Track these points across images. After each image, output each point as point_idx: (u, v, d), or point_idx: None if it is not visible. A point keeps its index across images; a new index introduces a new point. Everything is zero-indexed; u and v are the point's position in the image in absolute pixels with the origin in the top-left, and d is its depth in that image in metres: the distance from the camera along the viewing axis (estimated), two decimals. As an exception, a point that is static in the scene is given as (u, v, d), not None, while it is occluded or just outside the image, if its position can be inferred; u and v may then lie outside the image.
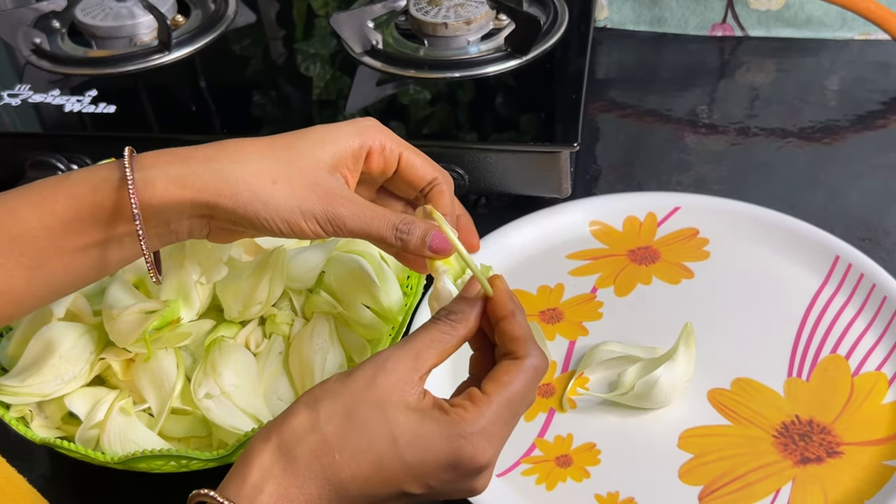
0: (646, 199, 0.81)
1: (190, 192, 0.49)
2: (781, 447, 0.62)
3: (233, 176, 0.50)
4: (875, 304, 0.70)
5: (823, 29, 1.00)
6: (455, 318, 0.49)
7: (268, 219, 0.50)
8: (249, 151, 0.51)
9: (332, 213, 0.50)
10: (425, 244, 0.51)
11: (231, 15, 0.98)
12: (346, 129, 0.53)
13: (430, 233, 0.51)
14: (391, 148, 0.54)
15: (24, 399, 0.61)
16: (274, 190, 0.50)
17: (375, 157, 0.54)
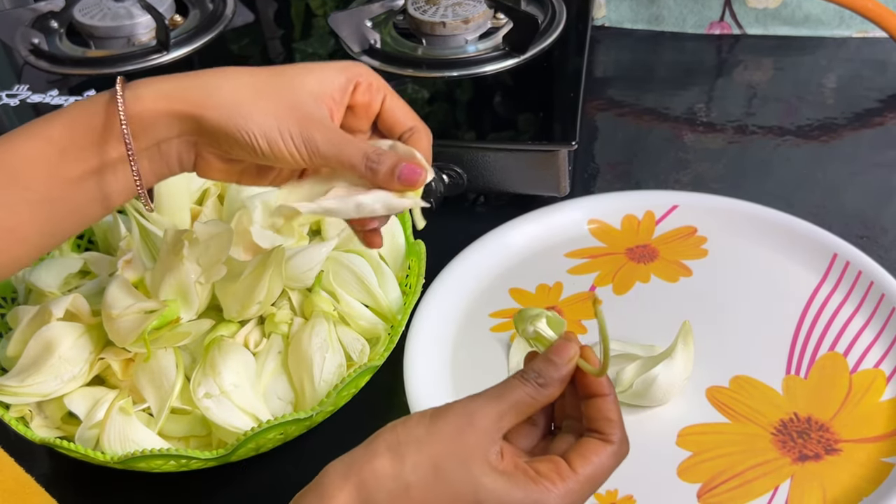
0: (644, 198, 0.81)
1: (177, 104, 0.50)
2: (780, 444, 0.62)
3: (218, 89, 0.51)
4: (873, 301, 0.70)
5: (821, 27, 1.01)
6: (543, 384, 0.48)
7: (248, 132, 0.50)
8: (237, 71, 0.52)
9: (307, 136, 0.51)
10: (394, 175, 0.51)
11: (229, 15, 0.98)
12: (334, 65, 0.54)
13: (401, 164, 0.52)
14: (377, 87, 0.55)
15: (23, 399, 0.61)
16: (256, 105, 0.51)
17: (361, 91, 0.54)
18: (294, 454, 0.65)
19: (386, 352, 0.63)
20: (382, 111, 0.55)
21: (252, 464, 0.63)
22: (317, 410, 0.59)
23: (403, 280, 0.70)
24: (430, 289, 0.73)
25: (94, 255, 0.70)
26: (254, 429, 0.57)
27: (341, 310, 0.66)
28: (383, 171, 0.52)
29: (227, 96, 0.51)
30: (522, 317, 0.54)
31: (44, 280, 0.66)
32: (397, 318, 0.66)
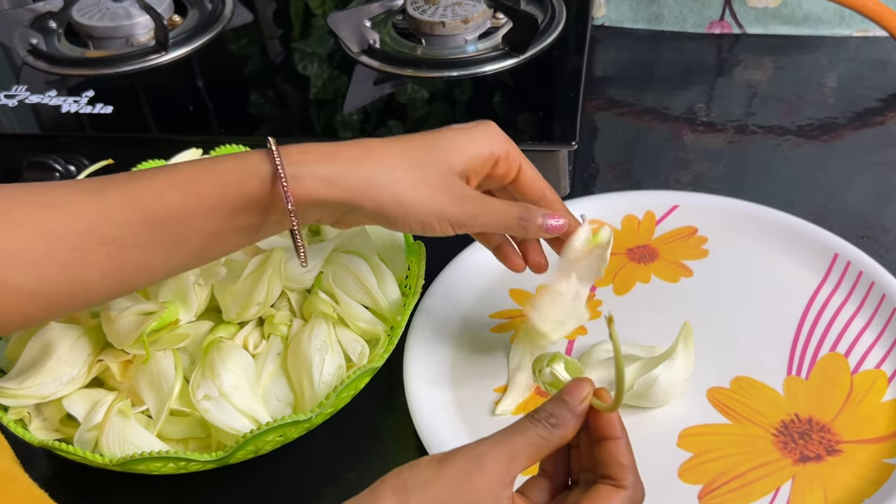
0: (644, 198, 0.81)
1: (336, 191, 0.53)
2: (781, 445, 0.62)
3: (377, 180, 0.54)
4: (874, 301, 0.70)
5: (821, 26, 1.00)
6: (555, 424, 0.47)
7: (405, 220, 0.55)
8: (392, 157, 0.55)
9: (466, 214, 0.55)
10: (543, 227, 0.57)
11: (228, 14, 0.98)
12: (477, 136, 0.57)
13: (548, 215, 0.57)
14: (514, 158, 0.58)
15: (22, 401, 0.61)
16: (414, 196, 0.54)
17: (501, 165, 0.58)
18: (294, 456, 0.65)
19: (385, 353, 0.63)
20: (518, 179, 0.59)
21: (251, 466, 0.63)
22: (316, 412, 0.59)
23: (403, 281, 0.70)
24: (429, 290, 0.72)
25: (93, 257, 0.70)
26: (253, 431, 0.57)
27: (340, 311, 0.66)
28: (533, 229, 0.57)
29: (385, 189, 0.54)
30: (540, 359, 0.56)
31: (42, 282, 0.66)
32: (397, 320, 0.66)
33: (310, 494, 0.64)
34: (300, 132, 0.84)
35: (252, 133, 0.83)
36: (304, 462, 0.65)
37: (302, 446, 0.64)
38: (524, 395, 0.67)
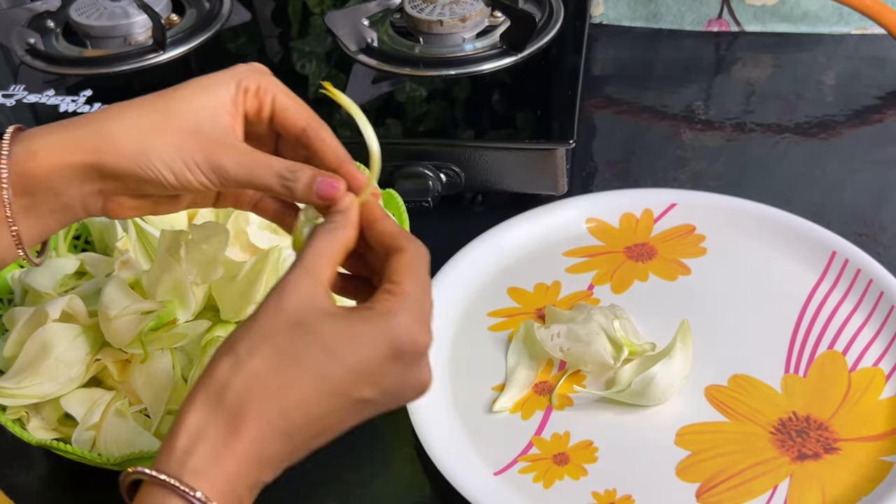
0: (642, 196, 0.81)
1: (72, 155, 0.48)
2: (779, 443, 0.62)
3: (113, 131, 0.49)
4: (872, 299, 0.70)
5: (819, 24, 1.00)
6: (335, 224, 0.48)
7: (152, 168, 0.48)
8: (128, 108, 0.50)
9: (214, 163, 0.49)
10: (313, 190, 0.49)
11: (226, 13, 0.98)
12: (221, 75, 0.52)
13: (318, 180, 0.49)
14: (265, 87, 0.52)
15: (20, 401, 0.61)
16: (156, 140, 0.49)
17: (250, 97, 0.52)
18: (292, 455, 0.65)
19: (383, 352, 0.63)
20: (274, 113, 0.52)
21: (249, 465, 0.63)
22: (314, 411, 0.59)
23: (401, 280, 0.70)
24: (427, 288, 0.72)
25: (91, 256, 0.70)
26: (251, 430, 0.57)
27: (338, 310, 0.66)
28: (300, 189, 0.49)
29: (123, 138, 0.49)
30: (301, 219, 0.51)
31: (40, 281, 0.66)
32: (395, 318, 0.66)
33: (308, 493, 0.64)
34: (298, 131, 0.84)
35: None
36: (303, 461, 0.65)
37: (300, 445, 0.64)
38: (521, 392, 0.67)
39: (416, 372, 0.47)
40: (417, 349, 0.46)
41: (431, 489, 0.63)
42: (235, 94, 0.51)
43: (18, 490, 0.65)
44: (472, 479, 0.61)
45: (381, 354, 0.45)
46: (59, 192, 0.50)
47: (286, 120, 0.52)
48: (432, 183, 0.78)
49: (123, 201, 0.52)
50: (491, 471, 0.62)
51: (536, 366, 0.68)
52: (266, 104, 0.52)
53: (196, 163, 0.49)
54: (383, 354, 0.45)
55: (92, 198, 0.51)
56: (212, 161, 0.49)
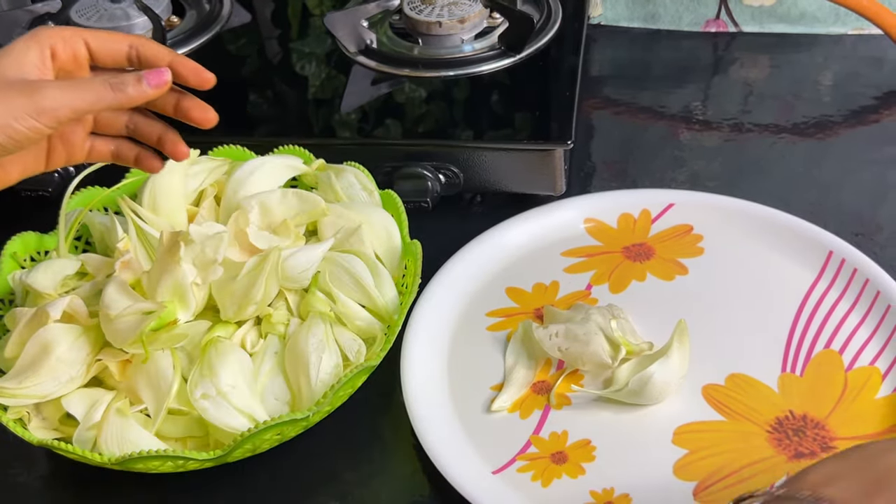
0: (640, 196, 0.81)
1: None
2: (775, 442, 0.62)
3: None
4: (868, 298, 0.70)
5: (817, 24, 1.01)
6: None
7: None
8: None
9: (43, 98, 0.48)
10: (143, 84, 0.51)
11: (226, 15, 0.98)
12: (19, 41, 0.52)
13: (143, 74, 0.51)
14: (71, 35, 0.53)
15: (21, 401, 0.61)
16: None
17: (60, 50, 0.52)
18: (291, 454, 0.65)
19: (382, 352, 0.63)
20: (94, 50, 0.53)
21: (249, 464, 0.63)
22: (313, 411, 0.59)
23: (400, 280, 0.70)
24: (426, 289, 0.73)
25: (92, 257, 0.70)
26: (251, 429, 0.57)
27: (338, 310, 0.66)
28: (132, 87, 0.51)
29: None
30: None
31: (41, 282, 0.66)
32: (394, 318, 0.66)
33: (307, 493, 0.64)
34: (298, 132, 0.84)
35: (251, 133, 0.83)
36: (302, 460, 0.66)
37: (299, 445, 0.64)
38: (520, 392, 0.67)
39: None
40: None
41: (430, 488, 0.64)
42: (40, 53, 0.52)
43: (20, 490, 0.66)
44: (471, 479, 0.61)
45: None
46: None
47: (108, 48, 0.54)
48: (431, 183, 0.79)
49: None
50: (489, 470, 0.62)
51: (535, 365, 0.68)
52: (79, 47, 0.53)
53: (23, 110, 0.48)
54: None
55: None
56: (37, 98, 0.48)
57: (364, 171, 0.75)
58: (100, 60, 0.54)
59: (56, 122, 0.49)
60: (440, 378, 0.68)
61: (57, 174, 0.82)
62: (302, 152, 0.75)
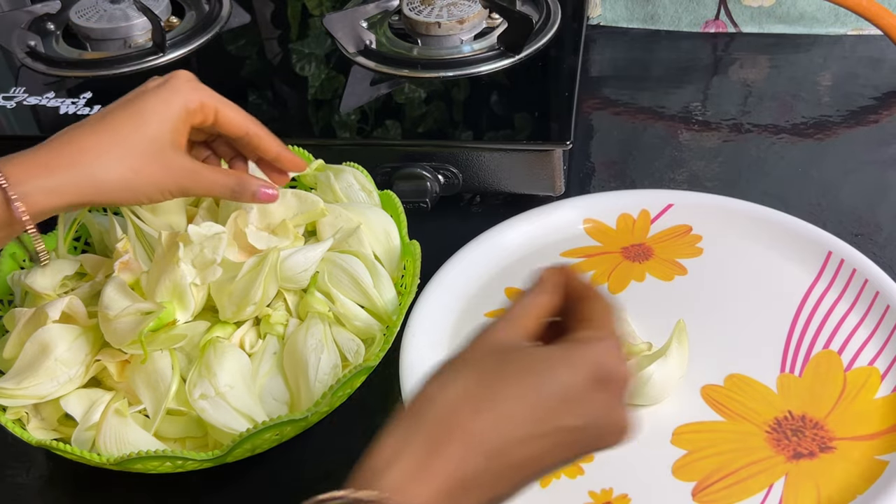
0: (639, 197, 0.81)
1: (66, 198, 0.56)
2: (774, 443, 0.62)
3: (101, 178, 0.57)
4: (867, 299, 0.70)
5: (816, 25, 1.01)
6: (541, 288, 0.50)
7: (134, 201, 0.60)
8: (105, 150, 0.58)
9: (183, 188, 0.60)
10: (256, 196, 0.63)
11: (225, 16, 0.98)
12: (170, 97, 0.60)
13: (260, 189, 0.62)
14: (209, 104, 0.61)
15: (20, 401, 0.61)
16: (137, 180, 0.58)
17: (198, 115, 0.61)
18: (290, 455, 0.65)
19: (381, 352, 0.63)
20: (218, 122, 0.62)
21: (248, 464, 0.63)
22: (312, 411, 0.59)
23: (399, 280, 0.70)
24: (425, 289, 0.73)
25: (90, 257, 0.70)
26: (249, 430, 0.57)
27: (336, 310, 0.66)
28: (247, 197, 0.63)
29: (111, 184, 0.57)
30: None
31: (40, 282, 0.66)
32: (392, 319, 0.66)
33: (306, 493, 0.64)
34: (298, 132, 0.84)
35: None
36: (300, 461, 0.66)
37: (298, 445, 0.64)
38: (519, 393, 0.67)
39: (620, 406, 0.46)
40: (619, 379, 0.45)
41: (429, 488, 0.63)
42: (185, 116, 0.60)
43: (19, 490, 0.66)
44: (470, 479, 0.61)
45: (585, 378, 0.44)
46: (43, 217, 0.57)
47: (230, 126, 0.62)
48: (430, 184, 0.79)
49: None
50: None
51: (533, 366, 0.68)
52: (210, 116, 0.61)
53: (169, 190, 0.60)
54: (586, 378, 0.44)
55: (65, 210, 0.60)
56: (181, 187, 0.60)
57: (363, 171, 0.75)
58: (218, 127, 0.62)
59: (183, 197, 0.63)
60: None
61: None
62: (301, 152, 0.75)
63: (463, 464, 0.42)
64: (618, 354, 0.46)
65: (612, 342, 0.46)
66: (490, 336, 0.47)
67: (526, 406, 0.43)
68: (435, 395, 0.44)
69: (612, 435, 0.46)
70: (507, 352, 0.45)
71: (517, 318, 0.48)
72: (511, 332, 0.47)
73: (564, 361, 0.45)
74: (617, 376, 0.45)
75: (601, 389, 0.45)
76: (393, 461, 0.42)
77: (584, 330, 0.47)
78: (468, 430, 0.42)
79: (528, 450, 0.43)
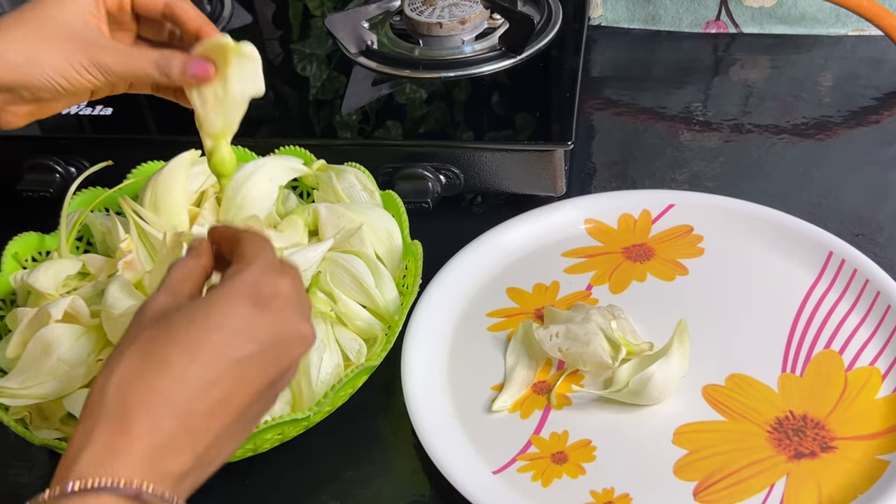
0: (640, 197, 0.81)
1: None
2: (775, 442, 0.63)
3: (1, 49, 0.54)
4: (868, 299, 0.70)
5: (817, 25, 1.01)
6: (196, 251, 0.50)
7: (44, 76, 0.55)
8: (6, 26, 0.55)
9: (97, 61, 0.55)
10: (187, 72, 0.56)
11: (227, 16, 0.99)
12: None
13: (189, 61, 0.56)
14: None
15: (23, 401, 0.61)
16: (42, 51, 0.55)
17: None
18: (292, 454, 0.65)
19: (383, 352, 0.63)
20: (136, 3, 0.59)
21: (250, 464, 0.64)
22: (314, 410, 0.59)
23: (400, 280, 0.70)
24: (427, 289, 0.73)
25: (93, 257, 0.70)
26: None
27: (338, 310, 0.66)
28: (176, 72, 0.56)
29: (13, 53, 0.54)
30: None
31: (42, 282, 0.66)
32: (394, 319, 0.66)
33: (308, 492, 0.65)
34: (299, 133, 0.84)
35: (252, 134, 0.83)
36: (303, 460, 0.66)
37: (300, 445, 0.65)
38: (520, 392, 0.67)
39: (289, 319, 0.46)
40: (279, 294, 0.46)
41: (430, 488, 0.64)
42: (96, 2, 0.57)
43: (21, 489, 0.66)
44: (471, 478, 0.61)
45: (242, 305, 0.45)
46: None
47: (148, 3, 0.59)
48: (432, 184, 0.79)
49: (17, 110, 0.57)
50: (490, 470, 0.63)
51: (535, 365, 0.69)
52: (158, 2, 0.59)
53: (82, 64, 0.55)
54: (245, 305, 0.45)
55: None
56: (95, 61, 0.55)
57: (365, 171, 0.75)
58: (136, 7, 0.59)
59: (104, 80, 0.56)
60: (441, 378, 0.68)
61: (58, 175, 0.83)
62: (303, 153, 0.75)
63: (153, 430, 0.42)
64: (270, 272, 0.46)
65: (259, 264, 0.47)
66: (146, 309, 0.46)
67: (196, 354, 0.43)
68: (106, 381, 0.43)
69: (295, 347, 0.47)
70: (166, 315, 0.45)
71: (171, 285, 0.48)
72: (166, 299, 0.47)
73: (219, 300, 0.45)
74: (275, 292, 0.46)
75: (263, 309, 0.45)
76: (83, 448, 0.41)
77: (234, 265, 0.47)
78: (147, 399, 0.42)
79: (213, 394, 0.43)
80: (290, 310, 0.47)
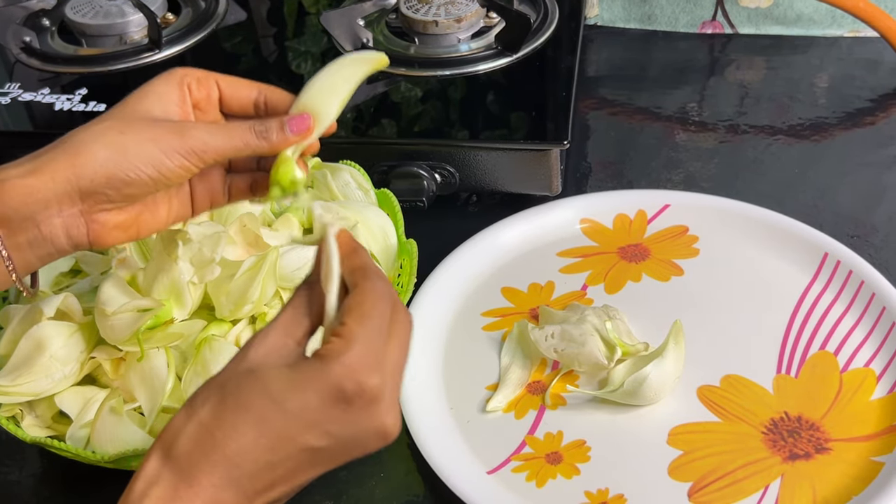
0: (636, 197, 0.81)
1: (46, 175, 0.48)
2: (770, 444, 0.62)
3: (82, 143, 0.49)
4: (863, 300, 0.70)
5: (813, 26, 1.01)
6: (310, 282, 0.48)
7: (132, 166, 0.49)
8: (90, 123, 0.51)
9: (192, 139, 0.50)
10: (286, 131, 0.52)
11: (221, 13, 0.98)
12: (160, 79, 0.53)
13: (286, 120, 0.52)
14: (204, 76, 0.54)
15: (14, 398, 0.61)
16: (126, 139, 0.49)
17: (195, 89, 0.54)
18: (286, 453, 0.65)
19: (378, 351, 0.63)
20: (224, 91, 0.55)
21: (244, 463, 0.63)
22: (308, 410, 0.59)
23: (395, 279, 0.70)
24: (421, 288, 0.73)
25: (86, 254, 0.70)
26: (245, 428, 0.57)
27: (333, 309, 0.66)
28: (275, 133, 0.52)
29: (97, 145, 0.49)
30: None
31: (35, 279, 0.66)
32: (389, 318, 0.66)
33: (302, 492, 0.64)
34: (293, 130, 0.84)
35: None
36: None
37: (294, 444, 0.64)
38: (515, 392, 0.67)
39: (371, 418, 0.45)
40: (364, 393, 0.44)
41: (425, 488, 0.63)
42: (179, 91, 0.53)
43: (12, 487, 0.66)
44: (466, 478, 0.61)
45: (323, 400, 0.43)
46: (39, 223, 0.49)
47: (239, 93, 0.55)
48: (427, 183, 0.78)
49: (107, 219, 0.51)
50: (484, 470, 0.62)
51: (530, 365, 0.68)
52: (212, 89, 0.54)
53: (174, 149, 0.50)
54: (325, 400, 0.43)
55: (74, 221, 0.50)
56: (187, 139, 0.50)
57: (360, 170, 0.75)
58: (228, 104, 0.55)
59: (202, 163, 0.51)
60: (435, 377, 0.68)
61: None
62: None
63: (214, 489, 0.43)
64: (363, 368, 0.44)
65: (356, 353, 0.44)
66: (251, 350, 0.45)
67: (264, 432, 0.43)
68: (183, 427, 0.44)
69: (371, 443, 0.46)
70: (251, 373, 0.44)
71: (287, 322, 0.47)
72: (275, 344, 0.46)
73: (301, 384, 0.44)
74: (360, 392, 0.44)
75: (344, 407, 0.44)
76: (148, 489, 0.43)
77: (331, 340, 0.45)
78: (212, 458, 0.43)
79: (275, 473, 0.44)
80: (375, 406, 0.44)
